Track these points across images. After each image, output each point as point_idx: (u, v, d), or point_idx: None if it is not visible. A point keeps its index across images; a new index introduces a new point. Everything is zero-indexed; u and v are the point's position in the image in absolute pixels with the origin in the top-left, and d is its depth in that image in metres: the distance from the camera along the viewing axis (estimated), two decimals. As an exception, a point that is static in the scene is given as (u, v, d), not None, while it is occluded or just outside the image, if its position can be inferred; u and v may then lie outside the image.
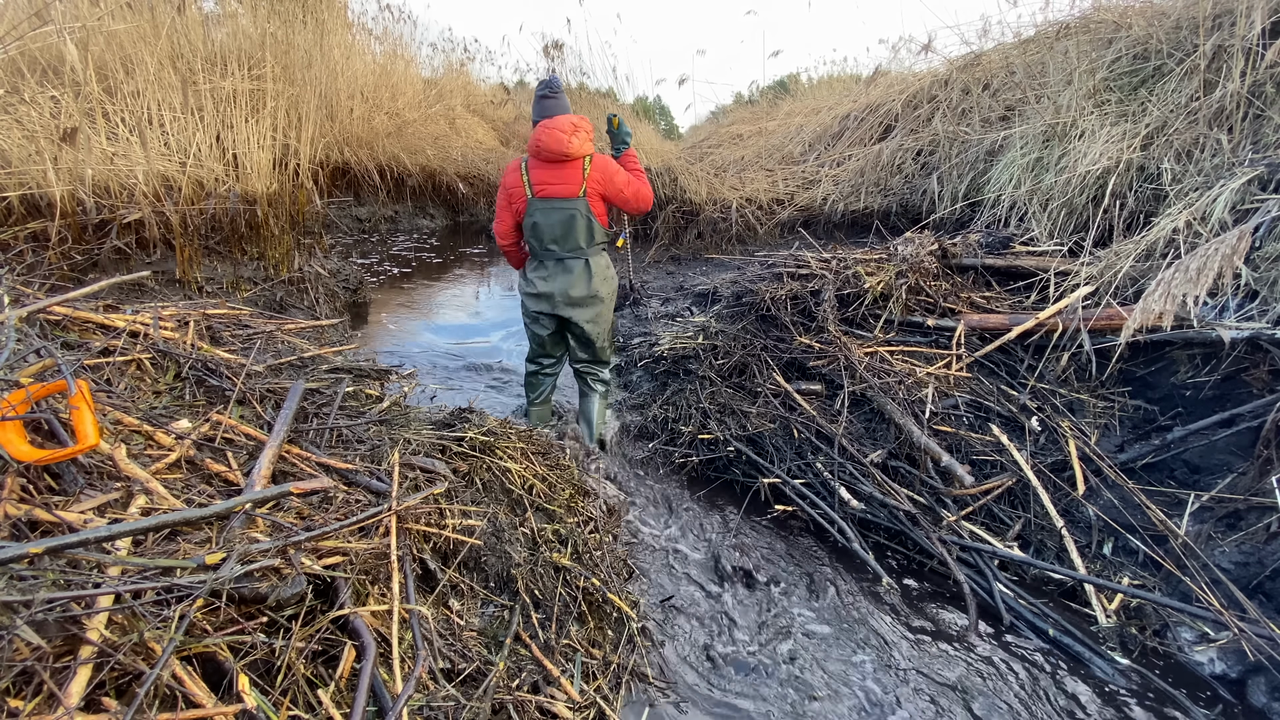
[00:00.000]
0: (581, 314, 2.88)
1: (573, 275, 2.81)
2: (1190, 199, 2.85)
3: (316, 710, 1.09)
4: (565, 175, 2.67)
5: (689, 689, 1.79)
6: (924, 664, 1.94)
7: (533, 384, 3.15)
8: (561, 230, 2.74)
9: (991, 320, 2.94)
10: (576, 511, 2.06)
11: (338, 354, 2.46)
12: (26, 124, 2.89)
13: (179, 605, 1.00)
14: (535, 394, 3.16)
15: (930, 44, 5.59)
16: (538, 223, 2.73)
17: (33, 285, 2.20)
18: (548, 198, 2.70)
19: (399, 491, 1.57)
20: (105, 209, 3.11)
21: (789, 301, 3.24)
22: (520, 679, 1.42)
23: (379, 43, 8.01)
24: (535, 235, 2.77)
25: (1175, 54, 3.43)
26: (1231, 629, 1.88)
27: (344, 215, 7.07)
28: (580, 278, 2.82)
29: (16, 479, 1.14)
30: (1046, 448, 2.59)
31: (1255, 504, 2.17)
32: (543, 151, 2.62)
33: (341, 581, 1.27)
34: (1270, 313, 2.36)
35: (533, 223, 2.74)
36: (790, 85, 9.72)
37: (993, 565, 2.27)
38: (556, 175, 2.66)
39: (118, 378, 1.69)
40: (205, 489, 1.38)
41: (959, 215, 4.30)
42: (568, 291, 2.83)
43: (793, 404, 2.87)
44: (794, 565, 2.37)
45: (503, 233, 2.88)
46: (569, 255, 2.79)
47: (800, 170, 5.88)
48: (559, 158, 2.63)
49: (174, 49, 3.57)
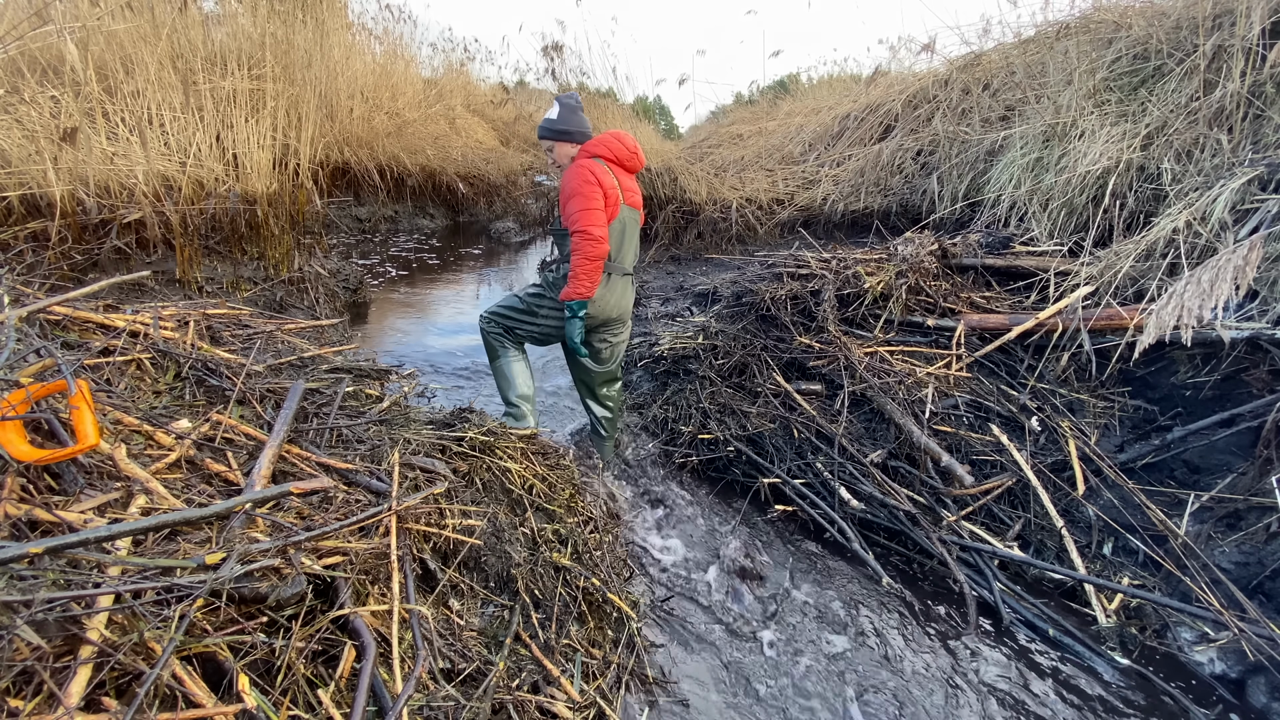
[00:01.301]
0: (626, 333, 2.80)
1: (631, 292, 2.71)
2: (1190, 199, 2.85)
3: (316, 710, 1.09)
4: (636, 186, 2.61)
5: (689, 689, 1.79)
6: (924, 664, 1.94)
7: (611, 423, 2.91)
8: (638, 242, 2.66)
9: (991, 320, 2.94)
10: (576, 511, 2.06)
11: (338, 354, 2.46)
12: (26, 124, 2.89)
13: (179, 605, 0.99)
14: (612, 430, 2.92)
15: (930, 44, 5.60)
16: (628, 230, 2.56)
17: (33, 285, 2.20)
18: (634, 207, 2.58)
19: (399, 491, 1.57)
20: (105, 209, 3.11)
21: (789, 301, 3.24)
22: (520, 679, 1.42)
23: (379, 43, 8.01)
24: (619, 242, 2.53)
25: (1175, 54, 3.43)
26: (1231, 629, 1.88)
27: (344, 215, 7.07)
28: (630, 295, 2.71)
29: (16, 479, 1.14)
30: (1046, 448, 2.59)
31: (1255, 504, 2.17)
32: (624, 159, 2.51)
33: (341, 581, 1.27)
34: (1270, 313, 2.36)
35: (623, 228, 2.52)
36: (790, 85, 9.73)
37: (993, 565, 2.27)
38: (633, 185, 2.58)
39: (118, 378, 1.69)
40: (205, 489, 1.38)
41: (959, 215, 4.30)
42: (629, 309, 2.71)
43: (793, 404, 2.87)
44: (794, 565, 2.37)
45: (605, 253, 2.38)
46: (633, 271, 2.67)
47: (800, 170, 5.88)
48: (635, 167, 2.56)
49: (174, 49, 3.57)
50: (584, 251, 2.34)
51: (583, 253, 2.34)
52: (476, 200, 8.53)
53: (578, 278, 2.38)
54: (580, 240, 2.34)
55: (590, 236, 2.32)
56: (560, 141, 2.50)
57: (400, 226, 7.80)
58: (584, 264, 2.35)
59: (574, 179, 2.36)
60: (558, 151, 2.52)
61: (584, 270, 2.36)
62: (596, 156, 2.45)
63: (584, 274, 2.37)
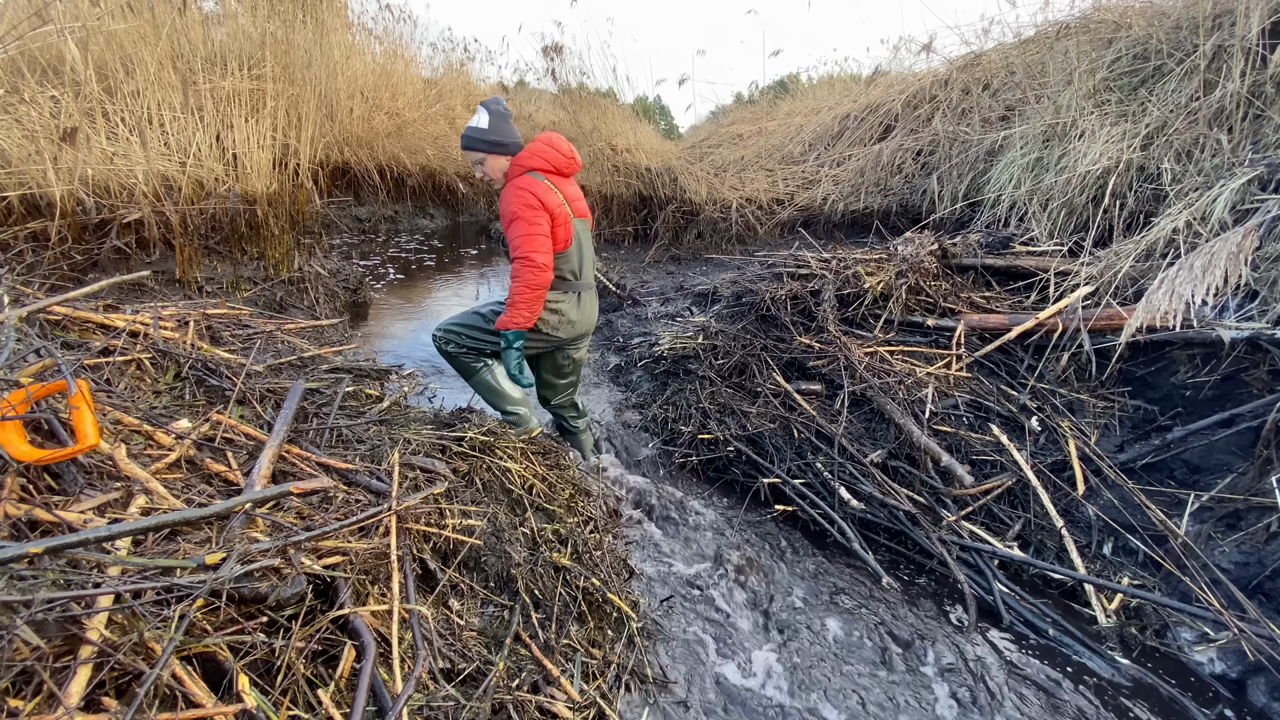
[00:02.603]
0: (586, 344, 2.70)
1: (595, 305, 2.57)
2: (1190, 199, 2.85)
3: (316, 710, 1.09)
4: (579, 190, 2.43)
5: (689, 689, 1.79)
6: (924, 664, 1.94)
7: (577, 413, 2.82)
8: (591, 253, 2.48)
9: (991, 320, 2.94)
10: (576, 511, 2.06)
11: (338, 354, 2.46)
12: (26, 124, 2.89)
13: (179, 605, 0.99)
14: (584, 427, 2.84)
15: (930, 44, 5.60)
16: (583, 245, 2.40)
17: (33, 285, 2.20)
18: (583, 217, 2.41)
19: (399, 491, 1.57)
20: (105, 209, 3.11)
21: (789, 301, 3.24)
22: (520, 679, 1.42)
23: (379, 42, 8.01)
24: (579, 260, 2.40)
25: (1175, 54, 3.43)
26: (1231, 629, 1.88)
27: (344, 215, 7.07)
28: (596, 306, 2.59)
29: (16, 479, 1.14)
30: (1046, 448, 2.59)
31: (1255, 504, 2.17)
32: (562, 166, 2.33)
33: (341, 581, 1.27)
34: (1270, 313, 2.36)
35: (579, 245, 2.38)
36: (790, 85, 9.72)
37: (993, 565, 2.27)
38: (576, 191, 2.41)
39: (118, 378, 1.69)
40: (205, 489, 1.38)
41: (959, 215, 4.30)
42: (593, 322, 2.57)
43: (793, 404, 2.87)
44: (794, 565, 2.37)
45: (548, 281, 2.26)
46: (593, 284, 2.53)
47: (800, 170, 5.88)
48: (573, 171, 2.38)
49: (174, 49, 3.57)
50: (525, 279, 2.20)
51: (524, 280, 2.20)
52: (476, 200, 8.53)
53: (516, 306, 2.24)
54: (522, 268, 2.20)
55: (533, 264, 2.19)
56: (492, 154, 2.29)
57: (400, 226, 7.80)
58: (525, 292, 2.22)
59: (515, 202, 2.21)
60: (489, 165, 2.31)
61: (523, 299, 2.23)
62: (533, 170, 2.27)
63: (523, 303, 2.23)
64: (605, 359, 4.01)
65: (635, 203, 6.05)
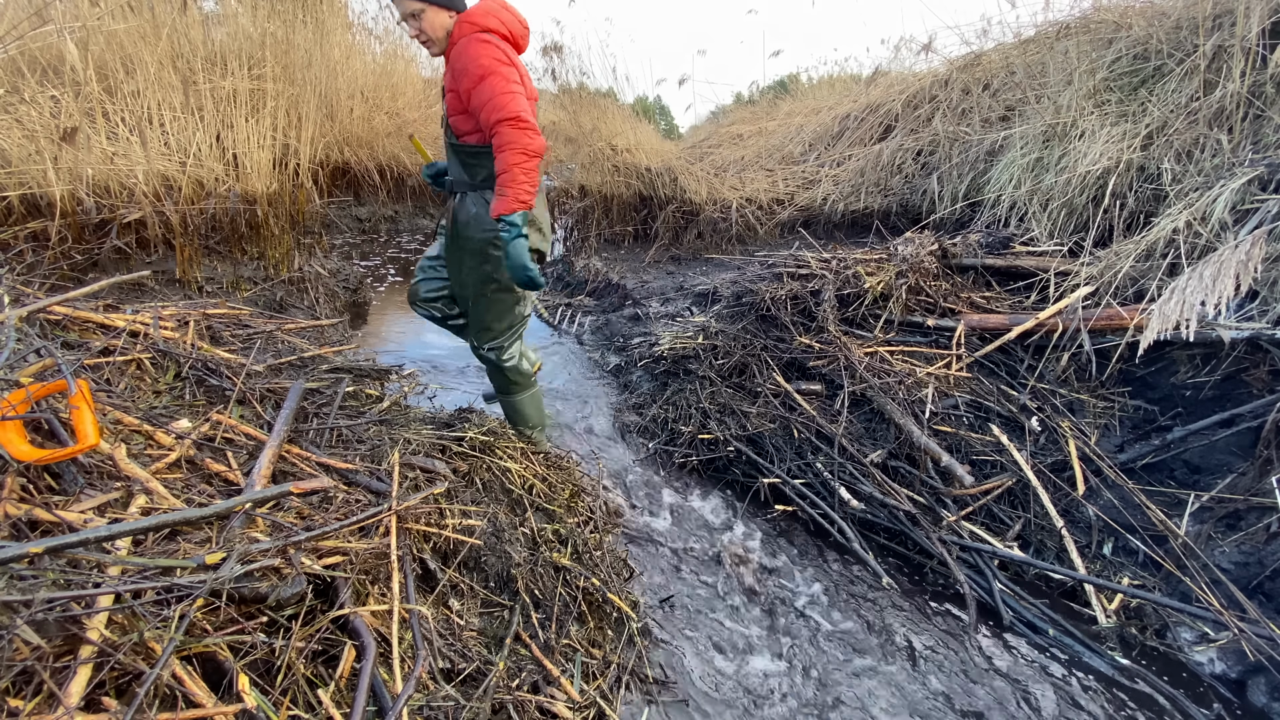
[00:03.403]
0: None
1: None
2: (1190, 199, 2.85)
3: (316, 710, 1.09)
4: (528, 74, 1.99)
5: (689, 689, 1.79)
6: (924, 664, 1.94)
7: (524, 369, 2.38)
8: None
9: (991, 320, 2.94)
10: (576, 511, 2.06)
11: (338, 354, 2.46)
12: (26, 124, 2.89)
13: (179, 605, 0.99)
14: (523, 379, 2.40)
15: (930, 44, 5.59)
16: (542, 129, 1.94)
17: (33, 285, 2.20)
18: (533, 100, 1.96)
19: (399, 491, 1.56)
20: (105, 209, 3.11)
21: (789, 301, 3.24)
22: (520, 679, 1.42)
23: (379, 42, 8.00)
24: None
25: (1175, 54, 3.43)
26: (1231, 629, 1.88)
27: (344, 215, 7.06)
28: None
29: (16, 479, 1.14)
30: (1046, 448, 2.59)
31: (1255, 504, 2.17)
32: (520, 37, 1.92)
33: (341, 581, 1.27)
34: (1270, 313, 2.36)
35: None
36: (790, 85, 9.70)
37: (993, 565, 2.27)
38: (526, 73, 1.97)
39: (118, 377, 1.69)
40: (205, 489, 1.38)
41: (959, 215, 4.30)
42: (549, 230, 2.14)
43: (793, 404, 2.87)
44: (794, 565, 2.37)
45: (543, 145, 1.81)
46: None
47: (800, 170, 5.88)
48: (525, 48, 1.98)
49: (174, 49, 3.57)
50: (520, 144, 1.74)
51: (519, 145, 1.74)
52: (476, 200, 8.51)
53: (516, 180, 1.75)
54: (512, 130, 1.73)
55: (524, 124, 1.74)
56: (433, 6, 1.85)
57: (401, 226, 7.79)
58: (522, 160, 1.74)
59: (484, 55, 1.77)
60: (426, 21, 1.86)
61: (523, 170, 1.75)
62: (487, 31, 1.84)
63: (524, 174, 1.75)
64: (605, 359, 4.01)
65: (635, 203, 6.05)
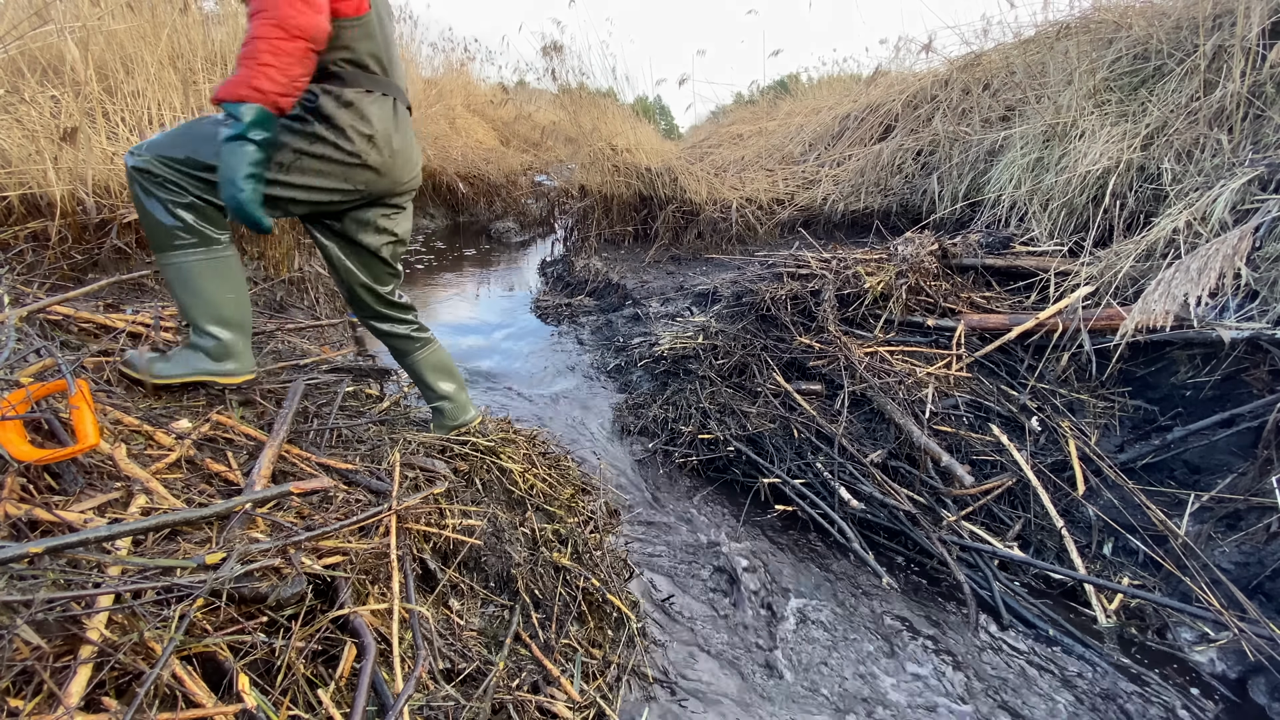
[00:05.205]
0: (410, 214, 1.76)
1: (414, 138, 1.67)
2: (1190, 199, 2.85)
3: (316, 710, 1.09)
4: None
5: (689, 689, 1.79)
6: (924, 664, 1.94)
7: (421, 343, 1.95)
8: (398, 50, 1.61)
9: (991, 320, 2.94)
10: (576, 511, 2.06)
11: (338, 354, 2.46)
12: (26, 124, 2.89)
13: (179, 605, 0.99)
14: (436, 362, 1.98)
15: (930, 44, 5.59)
16: (387, 25, 1.54)
17: (33, 285, 2.20)
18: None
19: (399, 491, 1.57)
20: (105, 208, 3.11)
21: (789, 301, 3.24)
22: (520, 679, 1.42)
23: (379, 42, 8.00)
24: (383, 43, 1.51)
25: (1175, 54, 3.43)
26: (1231, 629, 1.88)
27: (344, 215, 7.05)
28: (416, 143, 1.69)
29: (16, 479, 1.14)
30: (1046, 448, 2.59)
31: (1255, 504, 2.17)
32: None
33: (341, 581, 1.27)
34: (1270, 313, 2.36)
35: (379, 21, 1.49)
36: (790, 85, 9.70)
37: (993, 565, 2.27)
38: None
39: (118, 377, 1.69)
40: (205, 489, 1.38)
41: (959, 215, 4.30)
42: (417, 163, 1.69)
43: (793, 404, 2.87)
44: (794, 565, 2.37)
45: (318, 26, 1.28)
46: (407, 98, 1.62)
47: (800, 170, 5.88)
48: None
49: (174, 49, 3.57)
50: (278, 15, 1.23)
51: (271, 15, 1.23)
52: (476, 200, 8.52)
53: (259, 57, 1.24)
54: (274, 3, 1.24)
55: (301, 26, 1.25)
56: None
57: (400, 226, 7.78)
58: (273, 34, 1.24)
59: None
60: None
61: (270, 47, 1.24)
62: None
63: (271, 53, 1.24)
64: (605, 359, 4.01)
65: (635, 203, 6.05)
